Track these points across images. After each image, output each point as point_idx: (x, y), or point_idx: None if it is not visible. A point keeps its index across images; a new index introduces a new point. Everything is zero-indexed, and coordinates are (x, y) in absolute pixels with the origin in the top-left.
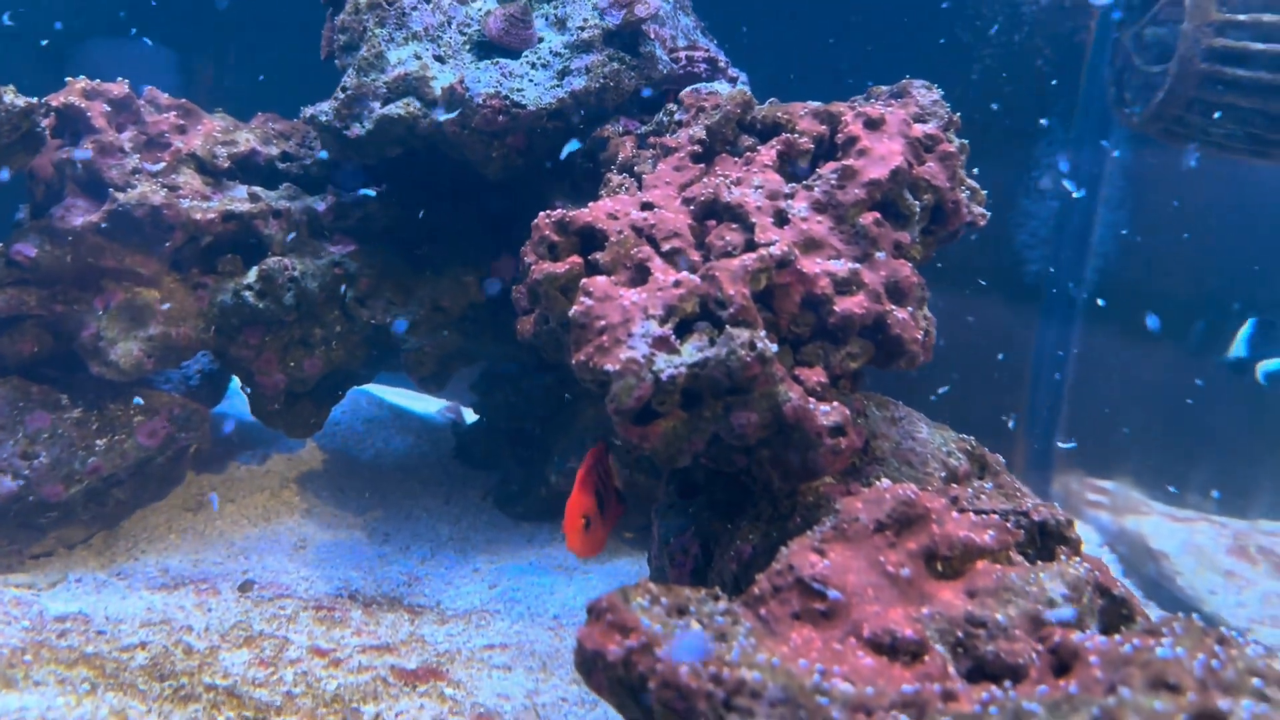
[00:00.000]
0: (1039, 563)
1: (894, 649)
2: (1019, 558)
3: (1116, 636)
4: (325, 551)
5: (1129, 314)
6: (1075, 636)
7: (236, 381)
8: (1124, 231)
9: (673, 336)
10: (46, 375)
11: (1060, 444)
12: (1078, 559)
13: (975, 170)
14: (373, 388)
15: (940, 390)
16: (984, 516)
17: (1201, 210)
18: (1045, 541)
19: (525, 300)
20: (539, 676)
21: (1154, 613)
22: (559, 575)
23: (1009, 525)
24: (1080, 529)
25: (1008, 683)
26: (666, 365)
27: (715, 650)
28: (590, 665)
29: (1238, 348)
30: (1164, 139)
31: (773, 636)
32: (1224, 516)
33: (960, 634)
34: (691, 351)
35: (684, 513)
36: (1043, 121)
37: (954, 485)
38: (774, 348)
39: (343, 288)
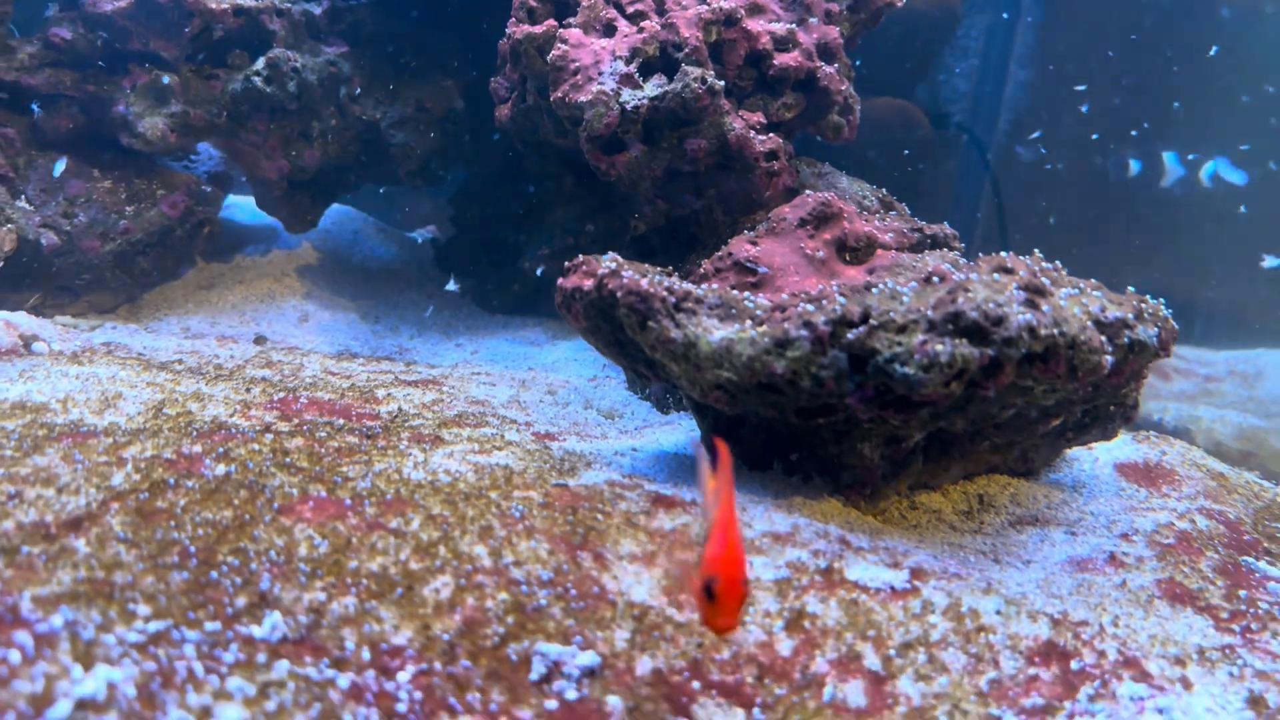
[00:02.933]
0: (926, 250)
1: None
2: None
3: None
4: (326, 325)
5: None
6: (944, 266)
7: (232, 198)
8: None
9: (637, 74)
10: (79, 151)
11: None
12: (957, 251)
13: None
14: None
15: None
16: (886, 224)
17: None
18: (935, 248)
19: (504, 86)
20: (518, 389)
21: None
22: (531, 347)
23: (905, 232)
24: None
25: (889, 278)
26: (631, 97)
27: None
28: (569, 299)
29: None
30: None
31: None
32: None
33: None
34: (652, 88)
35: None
36: None
37: (865, 214)
38: (721, 83)
39: (339, 86)
